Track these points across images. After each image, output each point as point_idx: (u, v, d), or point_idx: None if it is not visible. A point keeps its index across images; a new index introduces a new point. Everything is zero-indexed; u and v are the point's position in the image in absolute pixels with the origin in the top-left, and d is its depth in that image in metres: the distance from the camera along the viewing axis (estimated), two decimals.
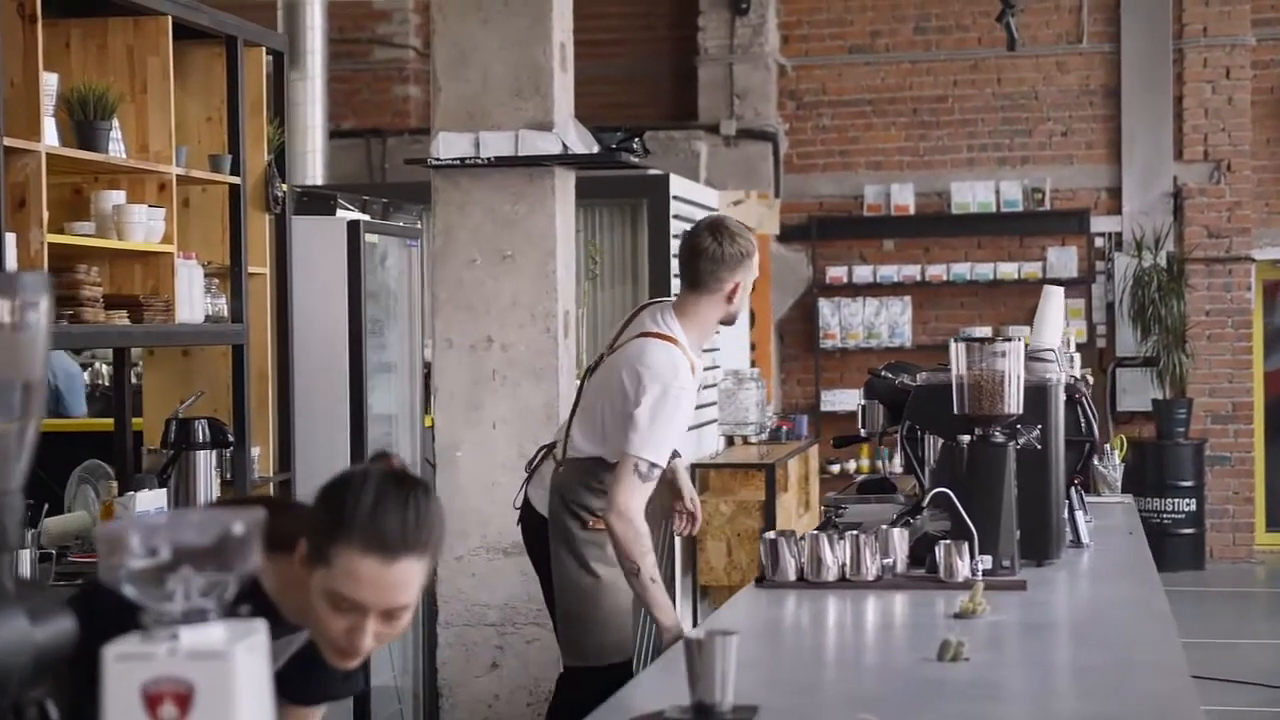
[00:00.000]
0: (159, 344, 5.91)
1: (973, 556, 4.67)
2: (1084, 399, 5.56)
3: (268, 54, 6.38)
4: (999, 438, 4.89)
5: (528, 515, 5.16)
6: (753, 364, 12.61)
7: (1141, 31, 13.56)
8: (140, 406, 6.25)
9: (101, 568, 1.97)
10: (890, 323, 13.72)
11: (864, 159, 14.00)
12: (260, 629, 1.99)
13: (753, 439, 10.85)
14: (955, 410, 4.89)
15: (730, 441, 10.81)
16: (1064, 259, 13.55)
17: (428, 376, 6.88)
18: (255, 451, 6.18)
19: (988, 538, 4.74)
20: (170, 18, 5.58)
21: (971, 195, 13.64)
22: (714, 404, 10.24)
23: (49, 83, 5.05)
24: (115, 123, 5.33)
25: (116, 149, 5.34)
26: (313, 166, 10.80)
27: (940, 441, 5.03)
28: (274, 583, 2.75)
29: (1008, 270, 13.51)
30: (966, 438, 4.88)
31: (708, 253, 4.95)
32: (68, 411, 9.08)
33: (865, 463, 13.49)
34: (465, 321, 6.32)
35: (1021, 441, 4.97)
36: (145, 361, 6.23)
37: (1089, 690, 3.47)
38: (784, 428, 11.27)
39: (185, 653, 1.90)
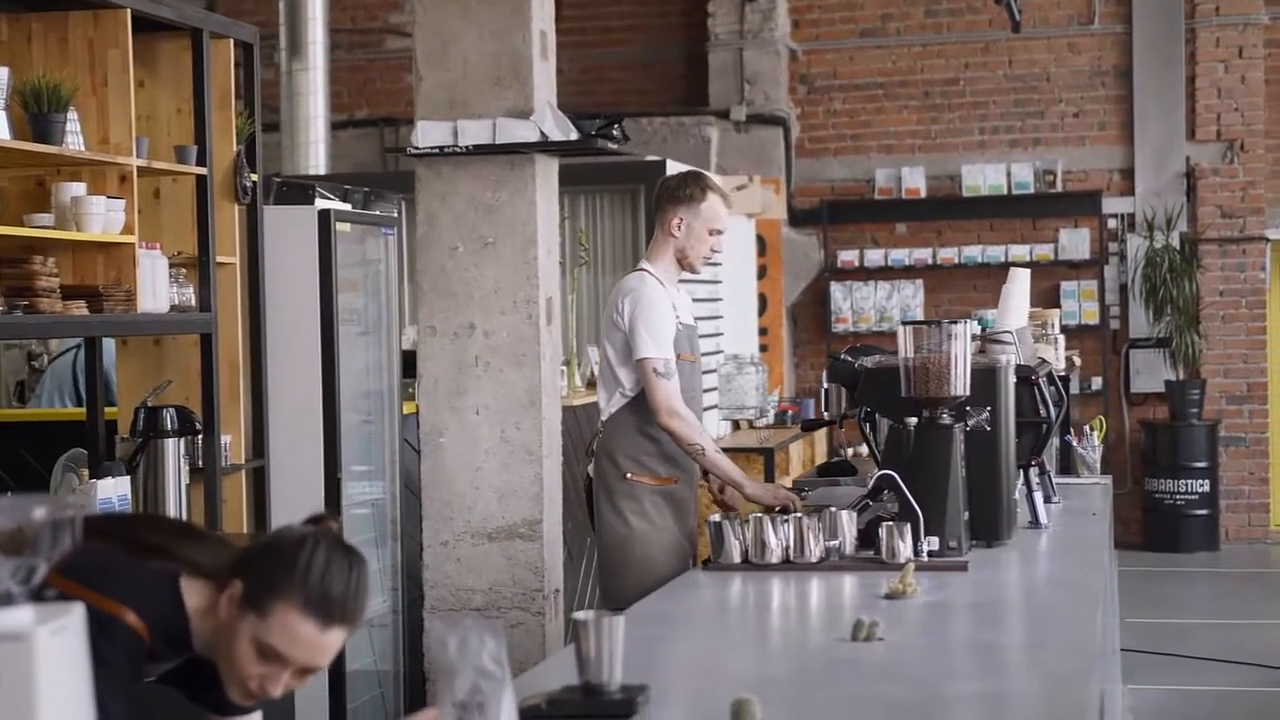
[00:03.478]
0: (117, 333, 5.96)
1: (916, 538, 4.68)
2: (1039, 380, 5.55)
3: (236, 46, 6.42)
4: (946, 420, 4.90)
5: (589, 487, 5.73)
6: (764, 348, 12.64)
7: (1153, 11, 13.49)
8: None
9: None
10: (902, 306, 13.69)
11: (875, 142, 13.97)
12: (74, 611, 2.04)
13: (757, 423, 10.88)
14: (903, 393, 4.91)
15: (736, 426, 10.84)
16: (1076, 241, 13.49)
17: (406, 364, 6.92)
18: (228, 439, 6.23)
19: (934, 519, 4.76)
20: (129, 11, 5.62)
21: (983, 178, 13.60)
22: (714, 389, 10.27)
23: (0, 76, 5.10)
24: (73, 115, 5.37)
25: (74, 141, 5.37)
26: (315, 156, 10.80)
27: (888, 424, 5.05)
28: (194, 605, 2.85)
29: (1019, 252, 13.45)
30: (913, 420, 4.90)
31: (661, 186, 5.73)
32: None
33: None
34: (448, 309, 6.34)
35: (970, 424, 4.99)
36: (118, 351, 6.28)
37: (990, 670, 3.49)
38: (789, 412, 11.27)
39: None
